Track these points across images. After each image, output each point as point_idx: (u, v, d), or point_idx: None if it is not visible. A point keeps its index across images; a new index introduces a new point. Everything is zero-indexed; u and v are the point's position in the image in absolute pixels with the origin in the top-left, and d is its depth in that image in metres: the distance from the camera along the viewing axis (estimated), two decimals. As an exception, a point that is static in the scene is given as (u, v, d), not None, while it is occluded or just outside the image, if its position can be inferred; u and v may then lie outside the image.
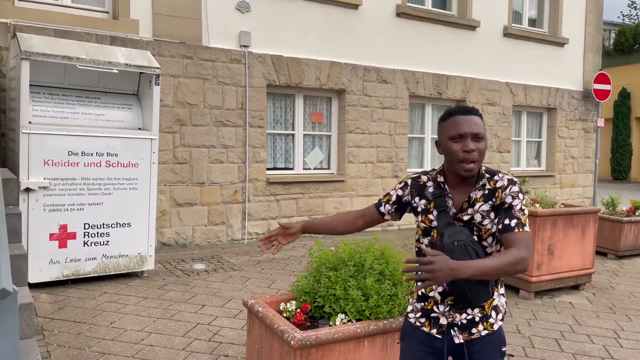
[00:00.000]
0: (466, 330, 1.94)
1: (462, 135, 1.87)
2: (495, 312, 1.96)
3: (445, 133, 1.92)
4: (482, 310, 1.93)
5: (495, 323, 1.95)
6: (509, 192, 1.88)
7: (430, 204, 2.00)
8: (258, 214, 7.67)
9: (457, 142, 1.88)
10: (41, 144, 4.92)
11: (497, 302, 1.97)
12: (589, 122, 11.74)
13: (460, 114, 1.90)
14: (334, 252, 3.18)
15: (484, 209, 1.91)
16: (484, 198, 1.91)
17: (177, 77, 6.96)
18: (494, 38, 10.06)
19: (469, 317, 1.94)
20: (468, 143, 1.86)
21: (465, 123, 1.88)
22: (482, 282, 1.88)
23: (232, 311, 4.66)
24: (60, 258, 5.10)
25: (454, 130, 1.88)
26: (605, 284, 6.03)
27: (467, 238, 1.88)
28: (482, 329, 1.93)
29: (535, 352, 4.02)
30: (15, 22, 5.93)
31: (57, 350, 3.70)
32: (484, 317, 1.94)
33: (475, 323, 1.93)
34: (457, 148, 1.87)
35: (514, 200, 1.87)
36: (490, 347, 1.95)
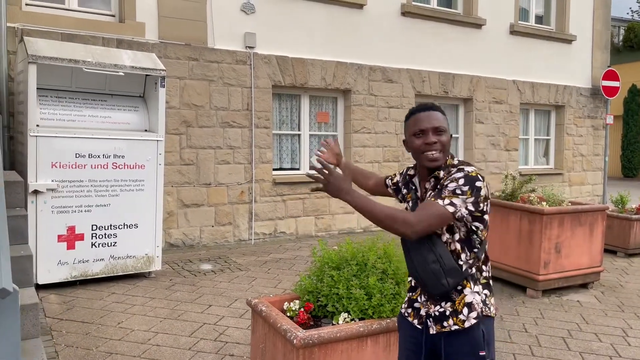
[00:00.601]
0: (439, 323, 1.98)
1: (423, 131, 1.99)
2: (468, 309, 1.95)
3: (409, 130, 2.05)
4: (453, 304, 1.96)
5: (466, 320, 1.94)
6: (449, 177, 1.92)
7: (408, 195, 2.19)
8: (265, 214, 7.70)
9: (420, 137, 2.00)
10: (49, 146, 4.97)
11: (471, 300, 1.96)
12: (598, 120, 11.64)
13: (421, 112, 2.02)
14: (336, 251, 3.19)
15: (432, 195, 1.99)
16: (432, 188, 2.02)
17: (183, 79, 7.00)
18: (500, 36, 10.01)
19: (441, 309, 1.98)
20: (429, 136, 1.98)
21: (426, 119, 2.00)
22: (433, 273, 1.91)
23: (238, 311, 4.68)
24: (69, 259, 5.15)
25: (415, 127, 2.01)
26: (614, 282, 5.98)
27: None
28: (452, 324, 1.95)
29: (542, 350, 4.00)
30: (23, 26, 6.00)
31: (65, 350, 3.74)
32: (454, 312, 1.96)
33: (446, 316, 1.97)
34: (419, 143, 1.99)
35: (449, 183, 1.90)
36: (464, 346, 1.94)
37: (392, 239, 3.30)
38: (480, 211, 1.91)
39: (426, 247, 1.92)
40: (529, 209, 5.33)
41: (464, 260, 1.96)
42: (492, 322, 2.01)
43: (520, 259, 5.42)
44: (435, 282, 1.92)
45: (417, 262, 1.95)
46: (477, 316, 1.95)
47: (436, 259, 1.91)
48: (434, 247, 1.92)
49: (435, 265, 1.91)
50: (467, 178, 1.89)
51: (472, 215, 1.91)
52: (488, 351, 1.97)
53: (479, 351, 1.94)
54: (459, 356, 1.95)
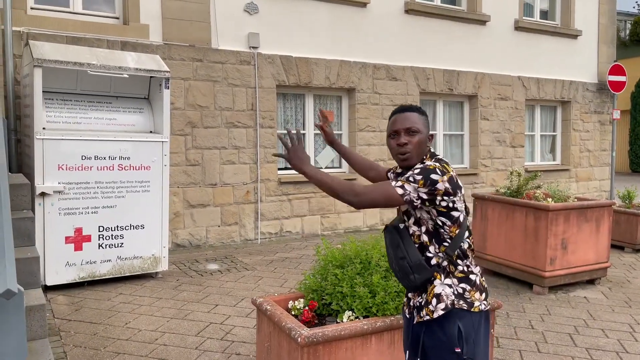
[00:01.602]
0: (418, 313, 2.06)
1: (396, 132, 2.07)
2: (436, 300, 1.98)
3: (387, 132, 2.14)
4: (425, 295, 2.03)
5: (435, 311, 1.97)
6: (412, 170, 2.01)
7: None
8: (270, 214, 7.72)
9: (393, 139, 2.09)
10: (55, 149, 5.02)
11: (439, 291, 1.99)
12: (604, 115, 11.57)
13: (397, 113, 2.10)
14: (340, 249, 3.20)
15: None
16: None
17: (187, 80, 7.04)
18: (505, 32, 9.97)
19: (420, 300, 2.06)
20: (401, 137, 2.05)
21: (399, 120, 2.07)
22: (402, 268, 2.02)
23: (245, 310, 4.71)
24: (76, 260, 5.19)
25: (390, 128, 2.11)
26: (621, 278, 5.95)
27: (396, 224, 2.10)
28: (425, 314, 2.02)
29: (548, 347, 3.99)
30: (28, 30, 6.05)
31: (73, 351, 3.78)
32: (426, 303, 2.02)
33: (421, 307, 2.04)
34: (393, 144, 2.09)
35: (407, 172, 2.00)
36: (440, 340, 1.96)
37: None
38: (442, 206, 1.95)
39: (396, 244, 2.04)
40: (535, 206, 5.31)
41: (433, 253, 2.01)
42: (474, 319, 1.97)
43: (526, 255, 5.41)
44: (404, 277, 2.03)
45: (391, 259, 2.11)
46: (445, 307, 1.96)
47: (404, 256, 2.01)
48: (402, 244, 2.03)
49: (402, 261, 2.01)
50: (422, 169, 1.95)
51: (435, 209, 1.96)
52: (466, 348, 1.93)
53: (454, 347, 1.94)
54: (435, 349, 1.99)
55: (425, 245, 2.03)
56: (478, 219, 6.01)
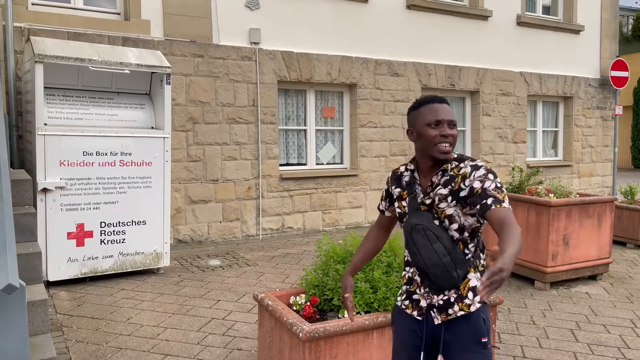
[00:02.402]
0: (443, 312, 1.98)
1: (439, 122, 1.96)
2: (473, 294, 1.97)
3: (422, 119, 1.99)
4: (457, 290, 1.97)
5: (472, 304, 1.96)
6: (475, 177, 1.91)
7: (404, 192, 2.10)
8: (272, 210, 7.72)
9: (435, 128, 1.96)
10: (57, 145, 5.02)
11: (475, 284, 1.98)
12: (607, 110, 11.54)
13: (436, 102, 2.00)
14: (342, 245, 3.20)
15: (442, 193, 1.96)
16: (444, 183, 1.98)
17: (188, 76, 7.03)
18: (507, 27, 9.94)
19: (444, 297, 1.99)
20: (445, 128, 1.95)
21: (442, 110, 1.98)
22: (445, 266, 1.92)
23: (246, 306, 4.71)
24: (78, 256, 5.20)
25: (431, 116, 1.97)
26: (623, 274, 5.95)
27: (427, 222, 1.96)
28: (458, 310, 1.96)
29: (549, 342, 3.99)
30: (29, 26, 6.05)
31: (75, 346, 3.79)
32: (459, 298, 1.97)
33: (450, 303, 1.97)
34: (434, 133, 1.96)
35: (484, 184, 1.89)
36: (467, 335, 1.95)
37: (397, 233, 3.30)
38: None
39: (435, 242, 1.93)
40: (536, 201, 5.31)
41: (470, 250, 1.99)
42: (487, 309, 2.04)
43: (528, 251, 5.40)
44: (446, 275, 1.93)
45: (426, 258, 1.94)
46: (480, 300, 1.97)
47: (446, 252, 1.92)
48: (443, 241, 1.93)
49: (446, 258, 1.92)
50: (492, 173, 1.92)
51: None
52: (488, 337, 1.98)
53: (481, 337, 1.95)
54: (461, 345, 1.95)
55: (466, 243, 1.98)
56: (480, 214, 5.98)
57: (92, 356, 3.64)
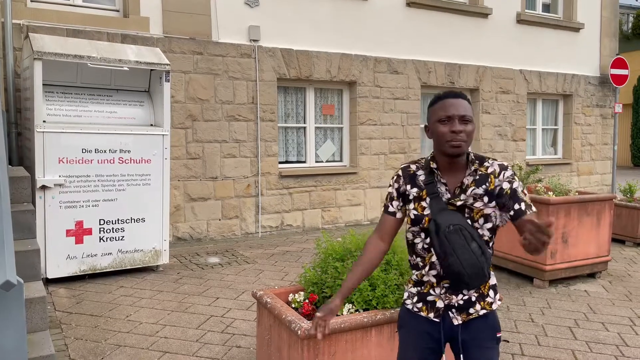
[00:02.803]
0: (464, 311, 1.96)
1: (450, 118, 1.92)
2: (493, 292, 2.01)
3: (434, 116, 1.97)
4: (478, 289, 1.97)
5: (493, 302, 1.99)
6: (504, 177, 1.95)
7: (422, 192, 2.02)
8: (271, 207, 7.72)
9: (445, 124, 1.93)
10: (55, 142, 5.01)
11: (494, 282, 2.03)
12: (606, 108, 11.53)
13: (449, 98, 1.95)
14: (340, 242, 3.20)
15: (477, 192, 1.95)
16: (476, 183, 1.96)
17: (188, 73, 7.02)
18: (506, 25, 9.93)
19: (465, 297, 1.97)
20: (456, 124, 1.91)
21: (454, 106, 1.93)
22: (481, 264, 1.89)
23: (245, 303, 4.72)
24: (77, 254, 5.20)
25: (442, 112, 1.94)
26: (622, 272, 5.95)
27: (461, 221, 1.91)
28: (480, 309, 1.97)
29: (548, 340, 4.00)
30: (28, 22, 6.03)
31: (74, 343, 3.79)
32: (481, 297, 1.98)
33: (472, 303, 1.97)
34: (445, 130, 1.92)
35: (513, 184, 1.94)
36: (484, 332, 1.96)
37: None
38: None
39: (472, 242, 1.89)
40: (536, 199, 5.31)
41: (491, 248, 2.01)
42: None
43: (526, 249, 5.40)
44: (481, 274, 1.90)
45: (463, 259, 1.87)
46: (499, 298, 2.03)
47: (482, 252, 1.90)
48: (478, 240, 1.90)
49: (482, 257, 1.90)
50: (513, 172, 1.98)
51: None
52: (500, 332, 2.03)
53: (496, 333, 1.99)
54: (478, 342, 1.95)
55: (488, 242, 1.99)
56: (479, 212, 5.99)
57: (91, 353, 3.64)
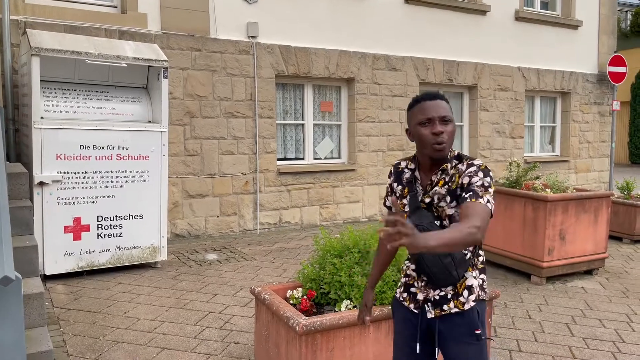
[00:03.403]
0: (438, 307, 2.00)
1: (430, 120, 1.93)
2: (467, 292, 1.99)
3: (414, 119, 1.98)
4: (454, 288, 2.00)
5: (466, 303, 1.98)
6: (466, 173, 1.92)
7: (404, 189, 2.08)
8: (269, 204, 7.72)
9: (426, 127, 1.94)
10: (53, 138, 5.00)
11: (471, 283, 2.00)
12: (604, 106, 11.55)
13: (427, 100, 1.96)
14: (338, 239, 3.21)
15: (440, 192, 1.96)
16: (443, 182, 1.97)
17: (186, 70, 7.01)
18: (505, 22, 9.92)
19: (441, 293, 2.01)
20: (436, 126, 1.92)
21: (433, 108, 1.94)
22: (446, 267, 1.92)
23: (244, 300, 4.72)
24: (75, 250, 5.20)
25: (421, 115, 1.95)
26: (619, 269, 5.97)
27: (428, 223, 1.95)
28: (453, 307, 1.98)
29: (545, 336, 4.01)
30: (26, 19, 6.01)
31: (72, 339, 3.80)
32: (455, 295, 1.99)
33: (447, 300, 1.99)
34: (426, 132, 1.94)
35: (471, 179, 1.90)
36: (460, 327, 1.98)
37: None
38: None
39: None
40: (533, 196, 5.32)
41: (470, 250, 1.99)
42: (485, 305, 2.07)
43: (524, 246, 5.42)
44: (446, 275, 1.94)
45: (427, 259, 1.94)
46: (475, 299, 1.99)
47: (447, 254, 1.91)
48: None
49: (447, 259, 1.92)
50: (484, 171, 1.92)
51: None
52: (483, 329, 2.01)
53: (474, 329, 1.98)
54: (455, 336, 1.98)
55: None
56: (477, 209, 6.00)
57: (89, 349, 3.64)
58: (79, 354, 3.57)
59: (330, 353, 2.72)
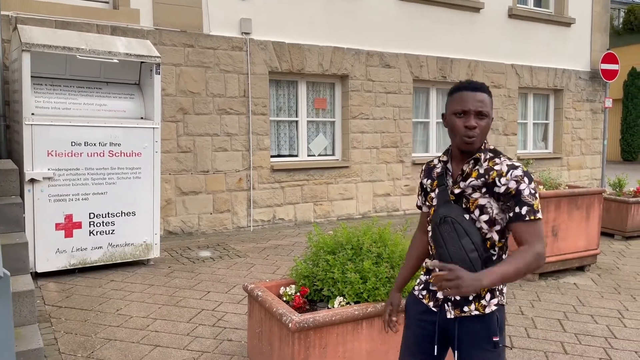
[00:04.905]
0: (458, 307, 1.95)
1: (465, 112, 1.88)
2: (490, 295, 1.94)
3: (451, 107, 1.93)
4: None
5: (487, 306, 1.93)
6: (512, 176, 1.86)
7: (433, 183, 2.04)
8: (263, 201, 7.71)
9: (460, 118, 1.89)
10: (44, 135, 4.96)
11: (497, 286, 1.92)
12: (596, 103, 11.60)
13: (468, 90, 1.90)
14: (332, 236, 3.20)
15: (475, 184, 1.91)
16: (478, 174, 1.92)
17: (178, 66, 6.97)
18: (498, 19, 9.94)
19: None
20: (470, 119, 1.88)
21: (471, 100, 1.88)
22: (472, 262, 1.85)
23: (237, 297, 4.71)
24: (67, 247, 5.16)
25: (458, 106, 1.90)
26: (610, 265, 6.01)
27: (457, 215, 1.89)
28: (474, 309, 1.93)
29: (537, 332, 4.03)
30: (16, 14, 5.96)
31: (64, 337, 3.77)
32: (477, 297, 1.93)
33: (468, 301, 1.94)
34: (459, 124, 1.89)
35: (519, 185, 1.84)
36: (480, 331, 1.92)
37: (387, 224, 3.30)
38: None
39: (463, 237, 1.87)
40: (526, 193, 5.33)
41: (496, 251, 1.93)
42: (504, 310, 2.01)
43: (517, 242, 5.43)
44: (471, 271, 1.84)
45: (452, 252, 1.88)
46: (497, 303, 1.94)
47: (474, 248, 1.86)
48: (472, 237, 1.87)
49: (473, 254, 1.86)
50: (529, 176, 1.87)
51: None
52: (501, 337, 1.94)
53: (493, 337, 1.92)
54: (473, 341, 1.92)
55: (493, 243, 1.92)
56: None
57: (81, 347, 3.62)
58: (71, 351, 3.55)
59: (323, 350, 2.71)
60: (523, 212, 1.81)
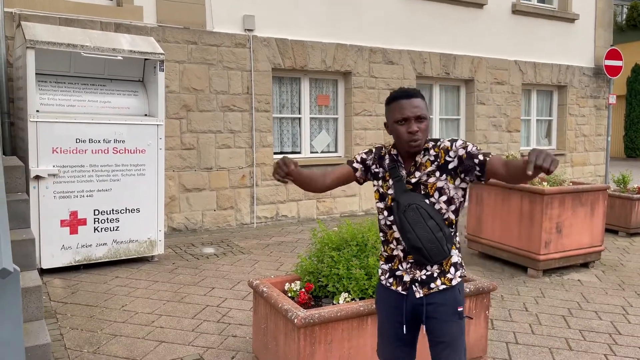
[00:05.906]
0: (425, 286, 2.12)
1: (406, 119, 2.06)
2: (454, 269, 2.14)
3: (392, 116, 2.10)
4: (440, 266, 2.13)
5: (453, 278, 2.13)
6: (457, 147, 2.07)
7: (386, 173, 2.20)
8: (266, 198, 7.72)
9: (403, 125, 2.07)
10: (49, 132, 4.98)
11: (455, 260, 2.16)
12: (600, 100, 11.57)
13: (404, 98, 2.07)
14: (337, 232, 3.20)
15: (430, 170, 2.10)
16: (430, 160, 2.11)
17: (182, 63, 6.97)
18: (502, 15, 9.91)
19: (427, 272, 2.13)
20: (412, 125, 2.05)
21: (408, 107, 2.06)
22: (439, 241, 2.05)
23: (241, 293, 4.72)
24: (72, 244, 5.18)
25: (398, 114, 2.07)
26: (615, 262, 6.00)
27: (420, 201, 2.08)
28: (440, 284, 2.11)
29: (541, 329, 4.03)
30: (20, 11, 5.96)
31: (69, 333, 3.79)
32: (442, 273, 2.13)
33: (433, 278, 2.12)
34: (402, 130, 2.07)
35: (466, 148, 2.06)
36: (445, 306, 2.10)
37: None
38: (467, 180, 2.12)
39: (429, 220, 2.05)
40: (530, 189, 5.33)
41: (453, 228, 2.15)
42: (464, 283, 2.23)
43: (521, 239, 5.44)
44: (440, 250, 2.06)
45: (421, 235, 2.04)
46: (460, 274, 2.16)
47: (440, 228, 2.06)
48: (435, 219, 2.06)
49: (439, 233, 2.05)
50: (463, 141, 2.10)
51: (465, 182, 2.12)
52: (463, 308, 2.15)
53: (457, 307, 2.12)
54: (439, 314, 2.10)
55: (450, 221, 2.13)
56: (473, 202, 6.03)
57: (87, 343, 3.64)
58: (77, 347, 3.57)
59: (328, 345, 2.72)
60: (481, 157, 2.03)
